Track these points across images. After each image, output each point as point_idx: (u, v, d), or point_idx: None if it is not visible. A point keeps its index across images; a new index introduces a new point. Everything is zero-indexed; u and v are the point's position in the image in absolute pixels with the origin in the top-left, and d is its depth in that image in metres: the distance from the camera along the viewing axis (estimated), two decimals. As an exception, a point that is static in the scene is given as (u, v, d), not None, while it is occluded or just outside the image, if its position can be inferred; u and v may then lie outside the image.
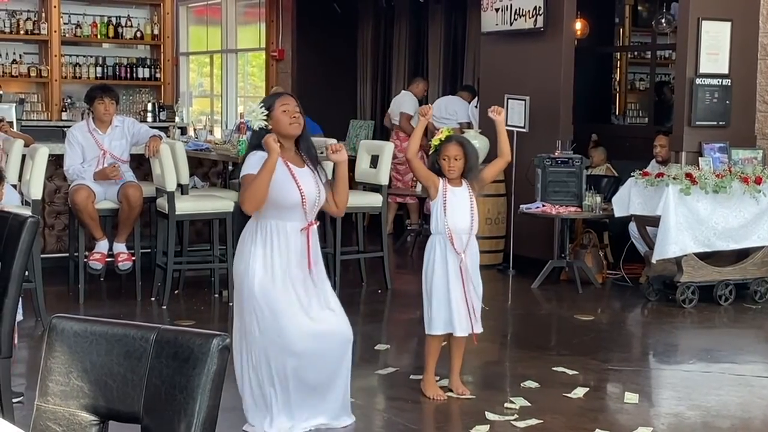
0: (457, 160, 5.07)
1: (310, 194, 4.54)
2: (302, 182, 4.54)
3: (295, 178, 4.53)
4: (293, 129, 4.56)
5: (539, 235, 8.63)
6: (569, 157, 8.32)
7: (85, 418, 2.12)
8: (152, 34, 12.30)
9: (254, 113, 4.59)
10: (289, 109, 4.55)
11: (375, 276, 8.09)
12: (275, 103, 4.57)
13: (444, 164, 5.09)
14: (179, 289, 7.69)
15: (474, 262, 5.17)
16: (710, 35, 8.10)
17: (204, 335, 2.04)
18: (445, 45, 11.94)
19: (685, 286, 7.48)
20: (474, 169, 5.16)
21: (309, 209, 4.56)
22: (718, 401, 5.25)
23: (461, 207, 5.09)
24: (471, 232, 5.13)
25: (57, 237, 8.37)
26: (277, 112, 4.54)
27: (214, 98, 16.04)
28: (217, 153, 8.04)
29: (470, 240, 5.14)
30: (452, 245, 5.08)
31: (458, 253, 5.07)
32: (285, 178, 4.52)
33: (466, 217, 5.09)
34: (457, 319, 5.09)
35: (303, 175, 4.56)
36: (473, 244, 5.18)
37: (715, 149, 7.97)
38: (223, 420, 2.29)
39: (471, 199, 5.13)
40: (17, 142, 7.26)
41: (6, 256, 3.59)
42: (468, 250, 5.12)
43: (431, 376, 5.23)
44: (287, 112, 4.54)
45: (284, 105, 4.56)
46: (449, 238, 5.07)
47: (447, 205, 5.08)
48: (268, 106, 4.57)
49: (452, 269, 5.08)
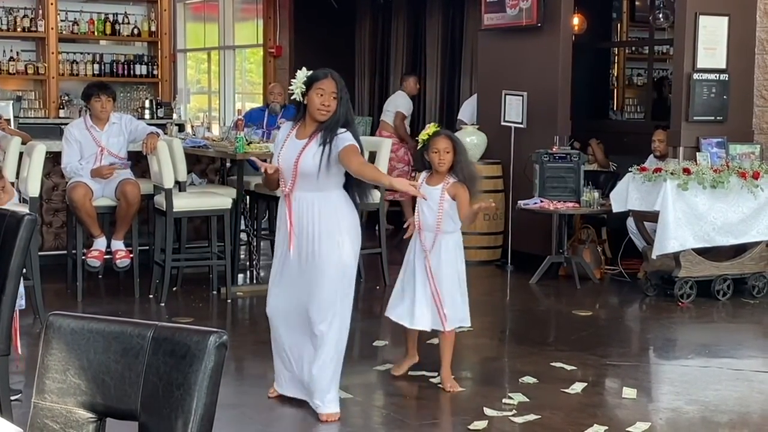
0: (447, 153, 5.12)
1: (285, 160, 4.70)
2: (284, 151, 4.73)
3: (283, 146, 4.75)
4: (319, 115, 4.67)
5: (537, 231, 8.63)
6: (567, 153, 8.32)
7: (83, 416, 2.11)
8: (149, 30, 12.27)
9: (297, 81, 4.70)
10: (324, 94, 4.64)
11: (373, 272, 8.09)
12: (315, 83, 4.66)
13: (434, 157, 5.13)
14: (177, 287, 7.70)
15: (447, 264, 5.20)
16: (708, 30, 8.09)
17: (201, 332, 2.04)
18: (442, 41, 11.93)
19: (683, 281, 7.49)
20: (463, 162, 5.18)
21: (285, 175, 4.72)
22: (717, 396, 5.26)
23: (430, 204, 5.14)
24: (437, 231, 5.17)
25: (55, 234, 8.37)
26: (312, 93, 4.66)
27: (211, 95, 16.04)
28: (215, 150, 8.03)
29: (438, 240, 5.17)
30: (420, 241, 5.21)
31: (424, 250, 5.17)
32: (278, 146, 4.79)
33: (433, 215, 5.16)
34: (418, 312, 5.21)
35: (291, 146, 4.72)
36: (445, 246, 5.20)
37: (713, 144, 7.97)
38: (221, 417, 2.29)
39: (441, 199, 5.15)
40: (15, 139, 7.25)
41: (3, 253, 3.58)
42: (435, 249, 5.18)
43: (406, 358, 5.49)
44: (320, 97, 4.64)
45: (320, 89, 4.65)
46: (419, 232, 5.22)
47: (419, 201, 5.19)
48: (309, 82, 4.66)
49: (419, 264, 5.22)
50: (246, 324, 7.14)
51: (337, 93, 4.65)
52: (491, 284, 8.39)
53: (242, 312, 7.35)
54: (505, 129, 8.70)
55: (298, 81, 4.68)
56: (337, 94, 4.65)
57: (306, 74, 4.69)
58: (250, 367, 5.75)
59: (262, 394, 5.09)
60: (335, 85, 4.65)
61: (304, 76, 4.68)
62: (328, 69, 4.74)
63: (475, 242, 9.01)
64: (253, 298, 7.51)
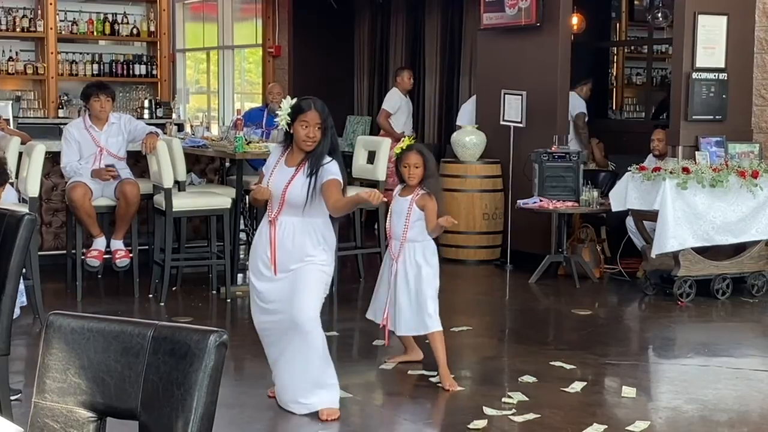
0: (417, 168, 5.33)
1: (274, 187, 4.73)
2: (273, 177, 4.76)
3: (272, 173, 4.77)
4: (304, 146, 4.71)
5: (537, 230, 8.63)
6: (566, 152, 8.32)
7: (83, 415, 2.12)
8: (149, 30, 12.27)
9: (283, 112, 4.73)
10: (308, 126, 4.66)
11: (372, 272, 8.08)
12: (299, 115, 4.68)
13: (404, 171, 5.37)
14: (177, 286, 7.70)
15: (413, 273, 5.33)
16: (706, 29, 8.10)
17: (201, 331, 2.04)
18: (441, 40, 11.94)
19: (682, 280, 7.49)
20: (432, 177, 5.40)
21: (273, 202, 4.75)
22: (716, 395, 5.26)
23: (399, 214, 5.37)
24: (404, 240, 5.34)
25: (54, 234, 8.37)
26: (297, 124, 4.70)
27: (210, 95, 16.04)
28: (214, 149, 8.03)
29: (404, 248, 5.33)
30: (390, 248, 5.42)
31: (392, 257, 5.38)
32: (268, 171, 4.81)
33: (400, 224, 5.34)
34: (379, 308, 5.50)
35: (281, 173, 4.75)
36: (412, 254, 5.33)
37: (712, 143, 7.97)
38: (221, 416, 2.30)
39: (410, 209, 5.33)
40: (14, 139, 7.25)
41: (3, 253, 3.58)
42: (401, 257, 5.34)
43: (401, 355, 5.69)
44: (305, 129, 4.66)
45: (304, 121, 4.68)
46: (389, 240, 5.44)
47: (391, 211, 5.44)
48: (293, 113, 4.69)
49: (386, 270, 5.46)
50: (245, 324, 7.11)
51: (321, 123, 4.67)
52: (490, 283, 8.40)
53: (242, 311, 7.34)
54: (505, 128, 8.70)
55: (283, 111, 4.71)
56: (321, 124, 4.67)
57: (291, 104, 4.73)
58: (249, 367, 5.74)
59: (261, 394, 5.10)
60: (319, 116, 4.67)
61: (288, 107, 4.71)
62: (312, 98, 4.76)
63: (475, 242, 9.02)
64: (253, 297, 7.51)
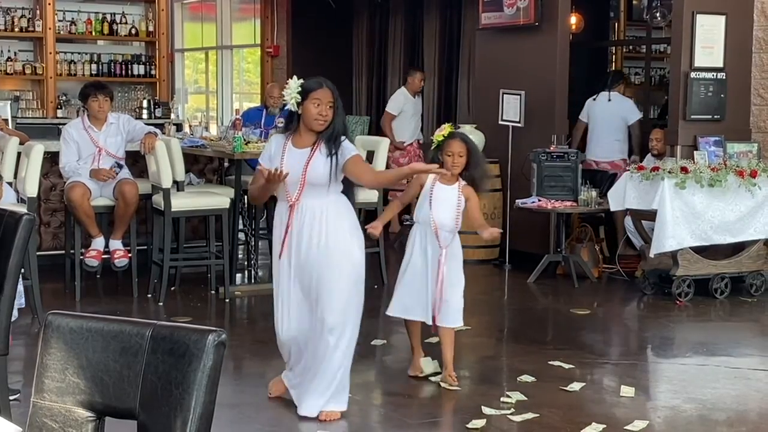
0: (461, 157, 5.18)
1: (292, 173, 4.57)
2: (287, 161, 4.60)
3: (283, 157, 4.62)
4: (316, 125, 4.61)
5: (535, 230, 8.64)
6: (565, 152, 8.32)
7: (82, 415, 2.12)
8: (147, 30, 12.26)
9: (290, 92, 4.60)
10: (320, 104, 4.58)
11: (371, 271, 8.07)
12: (310, 93, 4.58)
13: (448, 160, 5.18)
14: (176, 286, 7.70)
15: (456, 262, 5.27)
16: (705, 29, 8.10)
17: (200, 331, 2.04)
18: (440, 40, 11.93)
19: (680, 279, 7.50)
20: (477, 166, 5.25)
21: (290, 186, 4.62)
22: (714, 394, 5.27)
23: (447, 205, 5.20)
24: (454, 230, 5.24)
25: (53, 234, 8.36)
26: (308, 102, 4.59)
27: (209, 95, 16.03)
28: (213, 149, 8.03)
29: (454, 239, 5.25)
30: (437, 238, 5.21)
31: (442, 247, 5.21)
32: (277, 157, 4.64)
33: (450, 214, 5.20)
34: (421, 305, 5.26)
35: (292, 156, 4.62)
36: (456, 244, 5.27)
37: (711, 143, 7.98)
38: (220, 416, 2.30)
39: (459, 200, 5.22)
40: (12, 139, 7.25)
41: (2, 253, 3.58)
42: (450, 248, 5.22)
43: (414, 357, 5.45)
44: (317, 107, 4.57)
45: (316, 99, 4.58)
46: (434, 231, 5.21)
47: (433, 200, 5.20)
48: (304, 92, 4.59)
49: (431, 260, 5.22)
50: (244, 323, 7.14)
51: (334, 102, 4.62)
52: (489, 283, 8.40)
53: (240, 311, 7.35)
54: (503, 128, 8.70)
55: (291, 90, 4.59)
56: (334, 103, 4.62)
57: (299, 83, 4.62)
58: (248, 367, 5.75)
59: (261, 393, 5.10)
60: (331, 94, 4.61)
61: (297, 86, 4.61)
62: (321, 78, 4.68)
63: (473, 241, 9.00)
64: (251, 297, 7.52)
